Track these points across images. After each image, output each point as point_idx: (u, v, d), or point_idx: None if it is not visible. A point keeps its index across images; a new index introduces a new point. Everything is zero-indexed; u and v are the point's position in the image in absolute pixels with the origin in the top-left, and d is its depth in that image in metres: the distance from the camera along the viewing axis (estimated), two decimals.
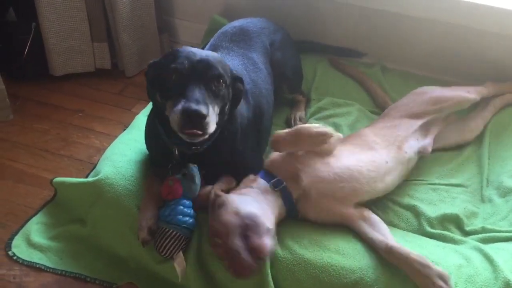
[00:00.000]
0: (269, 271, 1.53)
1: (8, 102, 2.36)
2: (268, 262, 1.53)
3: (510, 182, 1.87)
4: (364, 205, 1.71)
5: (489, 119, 2.13)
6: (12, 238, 1.87)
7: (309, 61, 2.45)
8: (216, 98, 1.55)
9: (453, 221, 1.78)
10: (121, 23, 2.48)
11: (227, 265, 1.42)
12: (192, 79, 1.52)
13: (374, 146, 1.80)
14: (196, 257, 1.62)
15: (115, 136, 2.07)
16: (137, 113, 2.18)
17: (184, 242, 1.60)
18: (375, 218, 1.64)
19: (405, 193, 1.86)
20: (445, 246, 1.66)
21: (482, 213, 1.83)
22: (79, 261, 1.80)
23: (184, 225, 1.58)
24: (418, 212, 1.78)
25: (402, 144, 1.84)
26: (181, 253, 1.59)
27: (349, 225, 1.64)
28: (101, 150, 2.16)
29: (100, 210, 1.77)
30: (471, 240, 1.69)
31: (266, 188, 1.60)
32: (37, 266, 1.79)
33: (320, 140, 1.62)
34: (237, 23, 2.19)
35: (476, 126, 2.10)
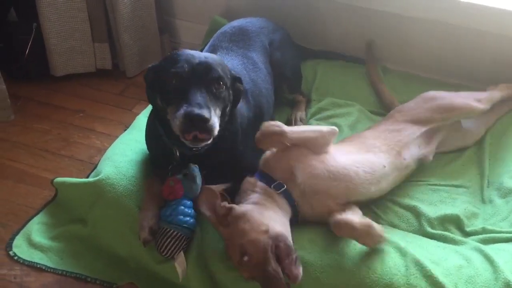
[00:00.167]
0: None
1: (9, 102, 2.37)
2: None
3: (511, 183, 1.87)
4: (360, 205, 1.70)
5: (492, 122, 2.10)
6: (13, 238, 1.87)
7: (310, 62, 2.45)
8: (218, 100, 1.54)
9: (454, 221, 1.78)
10: (122, 23, 2.48)
11: (260, 285, 1.41)
12: (193, 82, 1.51)
13: (372, 149, 1.78)
14: (197, 257, 1.62)
15: (116, 137, 2.08)
16: (138, 114, 2.18)
17: (185, 242, 1.60)
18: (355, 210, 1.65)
19: (405, 194, 1.86)
20: (446, 247, 1.66)
21: (483, 213, 1.83)
22: (79, 261, 1.80)
23: (185, 225, 1.59)
24: (419, 212, 1.78)
25: (402, 149, 1.80)
26: (182, 253, 1.59)
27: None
28: (102, 150, 2.16)
29: (100, 210, 1.78)
30: (472, 241, 1.69)
31: (270, 192, 1.60)
32: (38, 266, 1.79)
33: (274, 138, 1.61)
34: (236, 23, 2.19)
35: (478, 133, 2.08)
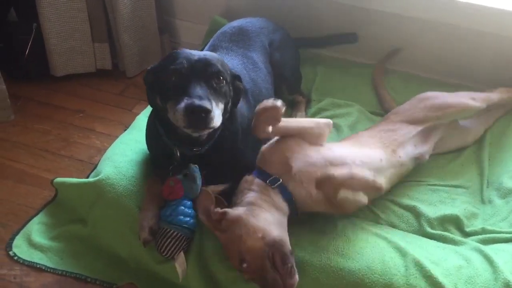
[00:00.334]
0: None
1: (9, 103, 2.36)
2: None
3: (511, 183, 1.87)
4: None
5: (491, 122, 2.11)
6: (13, 238, 1.87)
7: (310, 62, 2.45)
8: (219, 95, 1.54)
9: (453, 222, 1.78)
10: (122, 23, 2.48)
11: (259, 285, 1.44)
12: (192, 77, 1.52)
13: (368, 145, 1.78)
14: (197, 257, 1.63)
15: (116, 137, 2.07)
16: (137, 114, 2.18)
17: (185, 243, 1.60)
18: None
19: (405, 194, 1.86)
20: (445, 247, 1.66)
21: (482, 214, 1.83)
22: (79, 261, 1.80)
23: (185, 225, 1.59)
24: (418, 213, 1.79)
25: (397, 148, 1.80)
26: (182, 253, 1.59)
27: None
28: (102, 150, 2.16)
29: (100, 211, 1.78)
30: (471, 241, 1.69)
31: (265, 187, 1.59)
32: (38, 266, 1.79)
33: (274, 114, 1.59)
34: (236, 23, 2.19)
35: (477, 132, 2.08)
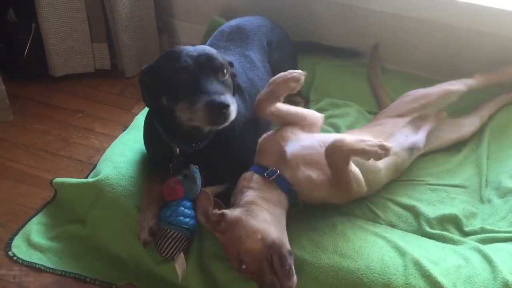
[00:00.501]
0: None
1: (8, 103, 2.36)
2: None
3: (509, 183, 1.86)
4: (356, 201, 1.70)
5: (486, 117, 2.11)
6: (12, 238, 1.87)
7: (308, 62, 2.44)
8: (227, 87, 1.57)
9: (452, 221, 1.78)
10: (121, 23, 2.48)
11: (257, 285, 1.45)
12: (201, 74, 1.52)
13: (359, 135, 1.77)
14: (196, 258, 1.63)
15: (115, 137, 2.08)
16: (136, 114, 2.18)
17: (185, 243, 1.60)
18: None
19: (404, 193, 1.86)
20: (444, 247, 1.66)
21: (481, 213, 1.83)
22: (78, 262, 1.81)
23: (185, 226, 1.59)
24: (418, 212, 1.79)
25: (387, 138, 1.82)
26: (181, 254, 1.59)
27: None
28: (101, 150, 2.16)
29: (100, 211, 1.78)
30: (470, 241, 1.70)
31: (264, 183, 1.60)
32: (37, 266, 1.79)
33: (293, 84, 1.65)
34: (234, 22, 2.19)
35: (471, 122, 2.08)
